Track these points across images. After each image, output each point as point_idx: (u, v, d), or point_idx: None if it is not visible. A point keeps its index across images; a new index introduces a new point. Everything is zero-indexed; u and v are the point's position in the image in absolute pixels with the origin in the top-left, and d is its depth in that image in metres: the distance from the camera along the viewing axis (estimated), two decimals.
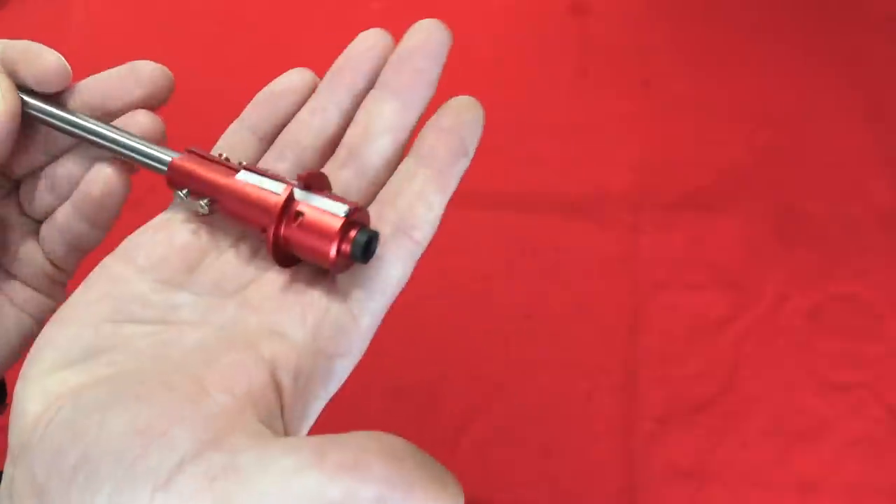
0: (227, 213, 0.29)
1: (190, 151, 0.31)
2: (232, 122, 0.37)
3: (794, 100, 0.69)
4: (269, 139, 0.34)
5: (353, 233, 0.28)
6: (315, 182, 0.29)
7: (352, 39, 0.69)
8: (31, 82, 0.31)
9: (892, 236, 0.64)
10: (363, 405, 0.59)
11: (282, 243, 0.28)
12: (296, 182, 0.29)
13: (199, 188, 0.30)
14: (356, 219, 0.28)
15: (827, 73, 0.70)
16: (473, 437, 0.58)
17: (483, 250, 0.65)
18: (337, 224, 0.27)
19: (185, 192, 0.30)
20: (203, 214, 0.30)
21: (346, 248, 0.28)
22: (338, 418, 0.44)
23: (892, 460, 0.57)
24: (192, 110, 0.58)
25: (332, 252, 0.27)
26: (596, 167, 0.68)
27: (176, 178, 0.30)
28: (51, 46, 0.38)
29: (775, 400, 0.59)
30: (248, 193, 0.29)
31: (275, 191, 0.28)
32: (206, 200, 0.29)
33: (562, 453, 0.58)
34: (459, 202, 0.76)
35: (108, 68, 0.39)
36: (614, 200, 0.67)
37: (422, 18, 0.81)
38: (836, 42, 0.71)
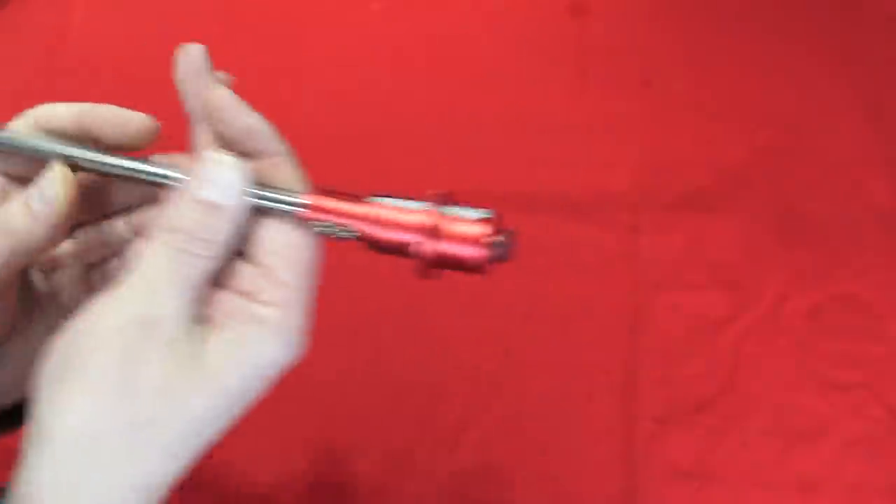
0: (373, 242, 0.31)
1: (324, 190, 0.32)
2: None
3: (794, 100, 0.69)
4: None
5: (496, 237, 0.30)
6: (449, 197, 0.32)
7: (352, 39, 0.69)
8: (120, 144, 0.34)
9: (892, 236, 0.64)
10: (364, 405, 0.60)
11: (432, 260, 0.30)
12: (434, 199, 0.31)
13: (342, 221, 0.32)
14: (496, 222, 0.30)
15: (827, 73, 0.70)
16: (473, 437, 0.58)
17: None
18: (485, 231, 0.30)
19: (329, 225, 0.32)
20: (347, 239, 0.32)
21: (493, 252, 0.30)
22: (338, 418, 0.44)
23: (892, 460, 0.57)
24: None
25: (485, 258, 0.30)
26: (596, 167, 0.68)
27: (317, 215, 0.32)
28: (51, 46, 0.38)
29: (775, 400, 0.59)
30: (391, 217, 0.31)
31: (416, 209, 0.31)
32: (349, 232, 0.31)
33: (562, 453, 0.58)
34: (459, 202, 0.76)
35: (108, 69, 0.39)
36: (614, 200, 0.67)
37: (422, 18, 0.82)
38: (836, 42, 0.71)
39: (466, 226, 0.30)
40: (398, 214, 0.31)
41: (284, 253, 0.31)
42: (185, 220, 0.30)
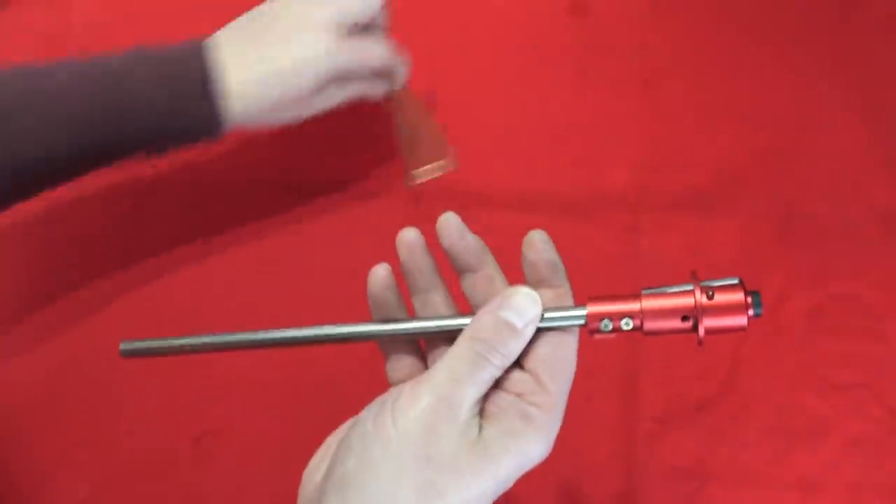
0: (649, 330, 0.38)
1: (592, 299, 0.39)
2: None
3: (794, 100, 0.69)
4: None
5: (749, 298, 0.38)
6: (698, 279, 0.39)
7: None
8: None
9: (892, 236, 0.64)
10: (364, 405, 0.59)
11: (706, 332, 0.37)
12: (693, 280, 0.38)
13: (616, 317, 0.38)
14: (746, 288, 0.38)
15: (827, 73, 0.70)
16: None
17: (492, 249, 0.65)
18: (741, 296, 0.37)
19: (605, 323, 0.39)
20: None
21: (751, 312, 0.37)
22: (338, 418, 0.44)
23: (892, 460, 0.57)
24: None
25: (745, 319, 0.37)
26: (596, 167, 0.68)
27: (594, 321, 0.39)
28: (51, 46, 0.38)
29: (775, 400, 0.59)
30: (661, 307, 0.38)
31: (680, 292, 0.38)
32: (627, 320, 0.38)
33: (562, 453, 0.58)
34: (459, 202, 0.77)
35: None
36: (614, 200, 0.67)
37: (423, 19, 0.82)
38: (836, 42, 0.71)
39: (728, 297, 0.38)
40: (670, 312, 0.38)
41: (552, 364, 0.38)
42: (489, 334, 0.37)
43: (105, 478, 0.57)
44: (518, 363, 0.39)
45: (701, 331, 0.37)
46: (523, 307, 0.38)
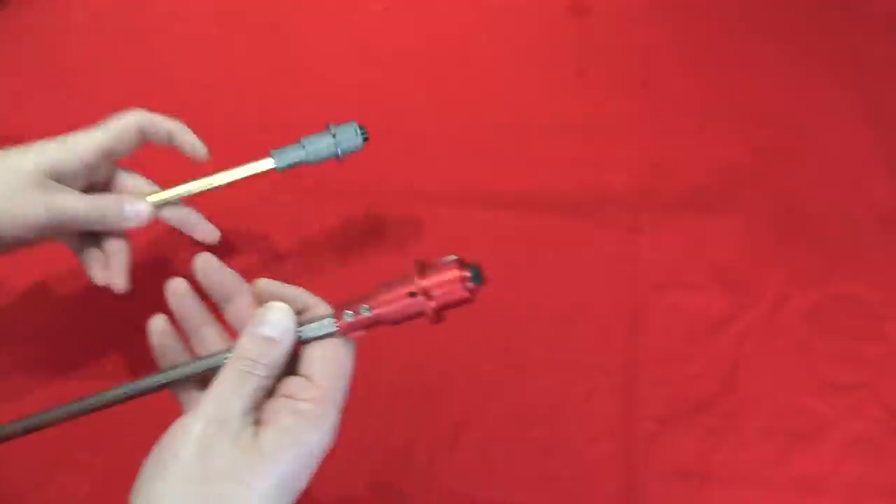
0: (388, 322, 0.42)
1: (338, 307, 0.42)
2: (231, 120, 0.40)
3: (794, 100, 0.69)
4: None
5: (466, 273, 0.40)
6: (422, 264, 0.41)
7: (352, 40, 0.70)
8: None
9: (892, 236, 0.64)
10: (363, 405, 0.60)
11: (439, 312, 0.41)
12: (415, 271, 0.41)
13: (358, 305, 0.42)
14: (461, 265, 0.41)
15: (827, 73, 0.70)
16: (473, 436, 0.58)
17: (483, 250, 0.65)
18: (457, 272, 0.40)
19: (348, 313, 0.42)
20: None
21: (471, 285, 0.40)
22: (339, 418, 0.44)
23: (892, 460, 0.57)
24: (193, 110, 0.58)
25: (466, 293, 0.40)
26: (596, 167, 0.68)
27: (344, 326, 0.42)
28: (51, 46, 0.38)
29: (775, 400, 0.59)
30: (393, 300, 0.41)
31: (405, 285, 0.40)
32: (367, 308, 0.41)
33: (562, 453, 0.58)
34: (459, 202, 0.77)
35: (108, 70, 0.40)
36: (614, 200, 0.67)
37: (422, 19, 0.82)
38: (836, 42, 0.71)
39: (446, 277, 0.40)
40: (396, 297, 0.41)
41: (319, 364, 0.41)
42: (249, 351, 0.40)
43: (105, 478, 0.57)
44: (295, 372, 0.42)
45: (429, 305, 0.40)
46: (276, 320, 0.41)
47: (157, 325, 0.46)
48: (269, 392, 0.41)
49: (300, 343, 0.42)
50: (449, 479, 0.57)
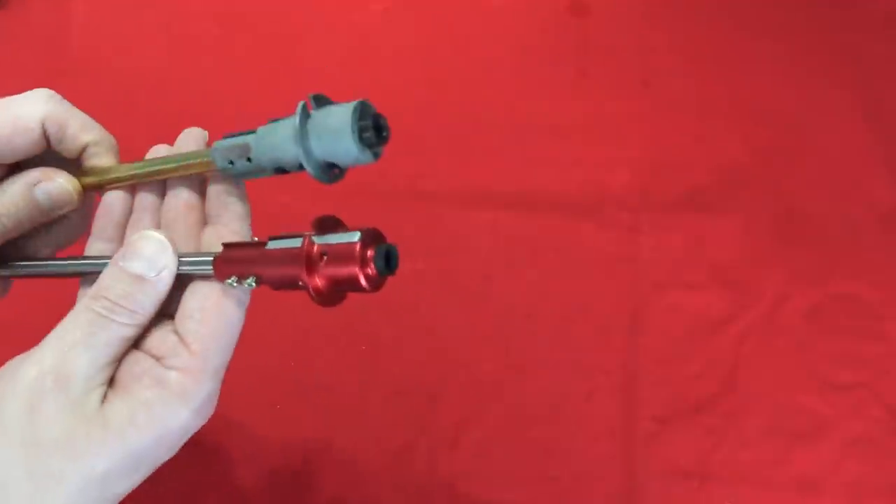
0: (270, 282, 0.32)
1: (226, 245, 0.33)
2: (232, 120, 0.39)
3: (794, 100, 0.69)
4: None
5: (370, 252, 0.30)
6: (329, 225, 0.32)
7: (352, 40, 0.70)
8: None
9: (892, 236, 0.64)
10: (363, 405, 0.60)
11: (319, 287, 0.30)
12: (313, 229, 0.31)
13: (241, 271, 0.32)
14: (370, 240, 0.30)
15: (827, 73, 0.70)
16: (473, 436, 0.58)
17: (483, 250, 0.65)
18: (356, 250, 0.30)
19: (232, 279, 0.32)
20: (252, 289, 0.32)
21: (372, 267, 0.30)
22: (338, 418, 0.44)
23: (892, 460, 0.57)
24: (193, 110, 0.58)
25: (361, 276, 0.30)
26: (596, 167, 0.68)
27: (222, 271, 0.32)
28: (51, 46, 0.38)
29: (775, 400, 0.59)
30: (275, 255, 0.31)
31: (294, 245, 0.31)
32: (252, 278, 0.32)
33: (562, 453, 0.58)
34: (460, 202, 0.77)
35: (108, 69, 0.40)
36: (614, 200, 0.67)
37: (422, 19, 0.82)
38: (836, 42, 0.71)
39: (340, 248, 0.30)
40: (282, 254, 0.31)
41: (197, 320, 0.32)
42: (109, 289, 0.32)
43: None
44: (168, 319, 0.34)
45: (314, 284, 0.31)
46: (150, 254, 0.32)
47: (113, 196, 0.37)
48: (133, 343, 0.33)
49: (179, 280, 0.33)
50: (449, 478, 0.57)
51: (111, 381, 0.32)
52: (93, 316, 0.32)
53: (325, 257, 0.31)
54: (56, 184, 0.38)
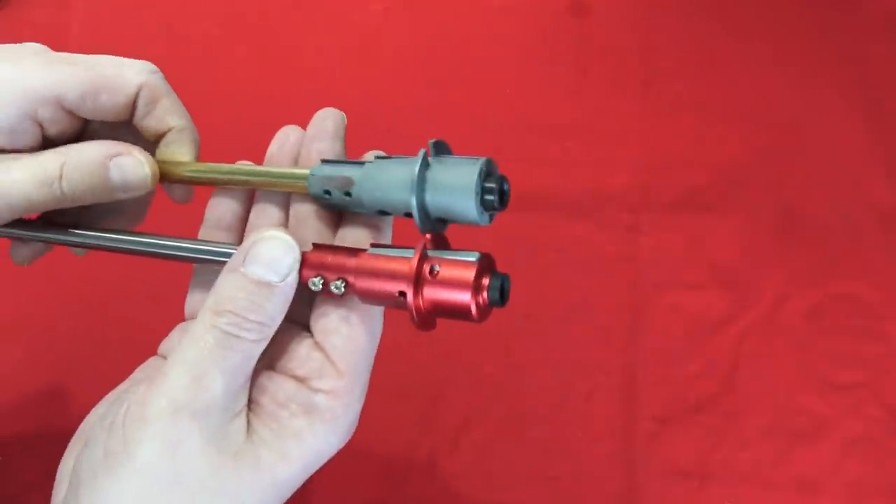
0: (362, 291, 0.29)
1: (317, 245, 0.31)
2: (231, 122, 0.39)
3: (793, 100, 0.69)
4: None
5: (486, 280, 0.28)
6: (440, 243, 0.30)
7: (352, 40, 0.70)
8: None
9: (893, 236, 0.64)
10: (364, 406, 0.59)
11: (422, 308, 0.28)
12: (425, 244, 0.29)
13: (331, 274, 0.29)
14: (486, 265, 0.28)
15: (827, 73, 0.70)
16: (473, 437, 0.58)
17: (483, 250, 0.65)
18: (472, 274, 0.27)
19: (318, 279, 0.30)
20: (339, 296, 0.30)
21: (485, 297, 0.28)
22: None
23: (892, 460, 0.57)
24: (193, 110, 0.58)
25: (472, 303, 0.27)
26: (596, 167, 0.68)
27: (308, 271, 0.30)
28: (51, 46, 0.38)
29: (775, 400, 0.59)
30: (377, 262, 0.28)
31: (405, 255, 0.28)
32: (341, 281, 0.29)
33: (562, 453, 0.58)
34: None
35: None
36: (614, 200, 0.67)
37: (422, 19, 0.82)
38: (836, 42, 0.71)
39: (454, 270, 0.28)
40: (386, 263, 0.29)
41: (345, 335, 0.30)
42: (233, 301, 0.28)
43: None
44: (304, 326, 0.31)
45: (416, 303, 0.28)
46: (274, 257, 0.29)
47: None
48: (267, 358, 0.30)
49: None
50: (450, 479, 0.57)
51: (253, 408, 0.29)
52: (219, 335, 0.28)
53: (434, 275, 0.28)
54: (135, 160, 0.34)
